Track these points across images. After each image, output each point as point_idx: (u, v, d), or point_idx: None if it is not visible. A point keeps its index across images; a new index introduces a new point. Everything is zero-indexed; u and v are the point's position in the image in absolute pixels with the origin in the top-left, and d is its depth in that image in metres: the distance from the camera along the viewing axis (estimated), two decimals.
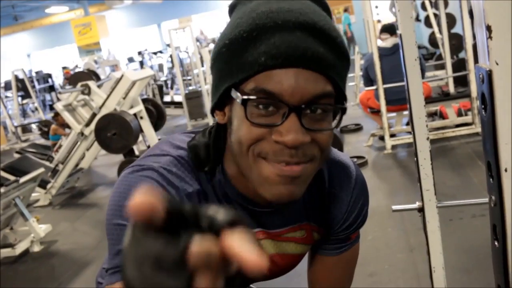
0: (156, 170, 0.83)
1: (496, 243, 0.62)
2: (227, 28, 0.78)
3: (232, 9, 0.82)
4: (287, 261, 0.99)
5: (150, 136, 6.07)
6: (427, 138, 1.88)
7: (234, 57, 0.75)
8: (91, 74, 10.65)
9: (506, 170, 0.59)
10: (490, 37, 0.54)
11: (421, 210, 1.97)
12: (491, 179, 0.62)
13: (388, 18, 11.97)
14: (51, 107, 13.53)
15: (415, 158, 1.92)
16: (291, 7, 0.74)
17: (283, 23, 0.72)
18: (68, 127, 6.83)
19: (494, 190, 0.61)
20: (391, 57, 5.41)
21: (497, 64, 0.55)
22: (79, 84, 6.08)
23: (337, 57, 0.76)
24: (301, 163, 0.76)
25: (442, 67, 7.46)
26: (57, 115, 7.40)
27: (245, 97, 0.73)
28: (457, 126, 5.56)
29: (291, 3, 0.75)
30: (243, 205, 0.89)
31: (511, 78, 0.54)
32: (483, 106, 0.60)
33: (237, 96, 0.74)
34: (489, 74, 0.56)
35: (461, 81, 6.16)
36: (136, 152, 6.18)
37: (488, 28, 0.53)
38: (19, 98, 12.65)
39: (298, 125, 0.72)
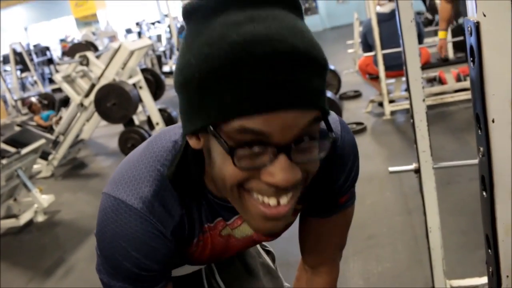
0: (140, 215, 0.80)
1: (484, 193, 0.64)
2: (194, 53, 0.65)
3: (189, 15, 0.68)
4: None
5: (149, 105, 6.08)
6: (423, 100, 1.89)
7: (208, 95, 0.64)
8: (89, 46, 10.58)
9: (493, 121, 0.60)
10: None
11: (417, 171, 2.00)
12: (479, 131, 0.64)
13: None
14: (51, 80, 13.48)
15: (411, 120, 1.94)
16: (267, 32, 0.62)
17: (262, 56, 0.61)
18: (47, 127, 6.75)
19: (482, 141, 0.63)
20: (389, 22, 5.36)
21: (484, 15, 0.55)
22: (78, 55, 6.06)
23: (324, 79, 0.68)
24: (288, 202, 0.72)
25: None
26: (31, 106, 7.29)
27: (231, 143, 0.65)
28: (456, 91, 5.56)
29: (266, 25, 0.62)
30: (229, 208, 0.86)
31: (499, 29, 0.55)
32: (471, 59, 0.61)
33: (220, 141, 0.65)
34: (477, 26, 0.56)
35: (461, 47, 6.12)
36: (136, 122, 6.18)
37: None
38: (18, 72, 12.60)
39: (288, 163, 0.66)
